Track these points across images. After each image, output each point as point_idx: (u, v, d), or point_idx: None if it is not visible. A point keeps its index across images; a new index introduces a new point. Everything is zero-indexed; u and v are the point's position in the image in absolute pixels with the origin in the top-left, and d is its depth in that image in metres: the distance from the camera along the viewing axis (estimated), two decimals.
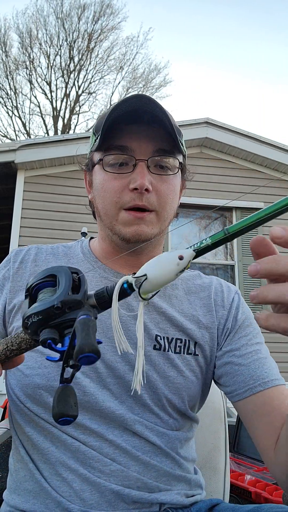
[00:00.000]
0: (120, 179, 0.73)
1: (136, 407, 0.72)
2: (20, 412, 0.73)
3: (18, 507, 0.71)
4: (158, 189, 0.74)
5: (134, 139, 0.73)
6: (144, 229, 0.74)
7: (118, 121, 0.72)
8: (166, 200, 0.75)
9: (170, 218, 0.79)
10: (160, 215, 0.75)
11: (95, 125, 0.79)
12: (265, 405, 0.71)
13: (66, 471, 0.69)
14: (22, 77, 16.42)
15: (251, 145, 5.50)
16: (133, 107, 0.70)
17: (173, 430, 0.75)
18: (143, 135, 0.73)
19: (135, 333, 0.72)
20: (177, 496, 0.74)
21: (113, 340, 0.71)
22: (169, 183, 0.76)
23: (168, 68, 25.63)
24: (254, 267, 0.40)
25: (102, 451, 0.69)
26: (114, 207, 0.74)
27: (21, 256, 0.83)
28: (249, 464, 2.56)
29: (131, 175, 0.73)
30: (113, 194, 0.74)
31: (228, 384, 0.76)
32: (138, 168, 0.72)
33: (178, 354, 0.76)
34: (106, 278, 0.79)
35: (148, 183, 0.72)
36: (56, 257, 0.83)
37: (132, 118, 0.72)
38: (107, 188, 0.74)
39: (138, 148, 0.73)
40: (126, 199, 0.73)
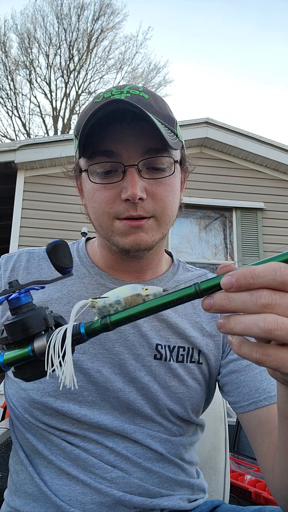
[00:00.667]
0: (110, 189, 0.66)
1: (137, 418, 0.71)
2: (19, 419, 0.73)
3: (19, 510, 0.70)
4: (154, 194, 0.67)
5: (119, 141, 0.65)
6: (143, 238, 0.67)
7: (99, 123, 0.63)
8: (165, 204, 0.68)
9: (173, 219, 0.72)
10: (160, 220, 0.68)
11: (75, 127, 0.71)
12: (268, 422, 0.67)
13: (67, 477, 0.68)
14: (22, 77, 16.41)
15: (251, 145, 5.50)
16: (114, 108, 0.62)
17: (177, 436, 0.74)
18: (128, 136, 0.64)
19: (135, 344, 0.72)
20: (180, 501, 0.73)
21: (111, 352, 0.71)
22: (166, 185, 0.68)
23: (167, 68, 25.64)
24: (207, 302, 0.38)
25: (103, 458, 0.68)
26: (107, 218, 0.67)
27: (11, 264, 0.78)
28: (249, 464, 2.56)
29: (121, 183, 0.65)
30: (105, 205, 0.66)
31: (232, 395, 0.73)
32: (128, 175, 0.64)
33: (180, 363, 0.73)
34: (103, 285, 0.75)
35: (140, 191, 0.64)
36: (49, 262, 0.78)
37: (114, 118, 0.63)
38: (97, 199, 0.67)
39: (125, 152, 0.65)
40: (120, 210, 0.66)
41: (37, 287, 0.44)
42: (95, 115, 0.61)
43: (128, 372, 0.71)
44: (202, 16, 32.56)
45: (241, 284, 0.36)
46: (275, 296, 0.35)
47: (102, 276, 0.76)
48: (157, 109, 0.67)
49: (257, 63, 37.95)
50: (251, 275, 0.36)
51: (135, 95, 0.66)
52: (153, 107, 0.66)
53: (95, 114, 0.61)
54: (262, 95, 40.28)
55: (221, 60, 36.50)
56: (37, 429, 0.70)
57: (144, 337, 0.72)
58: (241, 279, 0.36)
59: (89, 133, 0.63)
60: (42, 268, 0.77)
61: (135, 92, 0.67)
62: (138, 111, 0.60)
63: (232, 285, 0.36)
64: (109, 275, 0.76)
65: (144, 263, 0.76)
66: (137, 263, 0.75)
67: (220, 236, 5.53)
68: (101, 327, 0.41)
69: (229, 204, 5.38)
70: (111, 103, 0.60)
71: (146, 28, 27.92)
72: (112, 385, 0.70)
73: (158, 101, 0.68)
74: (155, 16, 31.11)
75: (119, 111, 0.61)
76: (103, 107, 0.60)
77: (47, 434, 0.70)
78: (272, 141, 5.56)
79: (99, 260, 0.78)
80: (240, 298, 0.36)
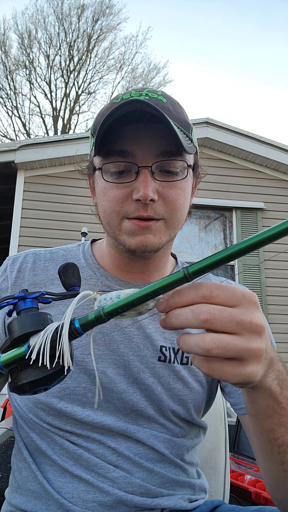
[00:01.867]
0: (122, 188, 0.66)
1: (140, 419, 0.71)
2: (23, 419, 0.73)
3: (20, 507, 0.71)
4: (165, 196, 0.67)
5: (134, 142, 0.65)
6: (150, 239, 0.67)
7: (116, 123, 0.63)
8: (175, 207, 0.68)
9: (182, 223, 0.72)
10: (169, 223, 0.68)
11: (93, 124, 0.72)
12: None
13: (70, 475, 0.69)
14: (22, 77, 16.41)
15: (251, 145, 5.50)
16: (132, 108, 0.62)
17: (179, 437, 0.74)
18: (144, 137, 0.65)
19: (139, 345, 0.72)
20: (180, 500, 0.73)
21: (116, 353, 0.71)
22: (178, 188, 0.68)
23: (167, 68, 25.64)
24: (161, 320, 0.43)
25: (105, 458, 0.69)
26: (116, 217, 0.68)
27: (18, 265, 0.78)
28: (249, 464, 2.56)
29: (134, 184, 0.66)
30: (115, 203, 0.67)
31: (233, 396, 0.74)
32: (141, 176, 0.65)
33: (184, 365, 0.73)
34: (109, 286, 0.75)
35: (152, 192, 0.64)
36: (55, 263, 0.79)
37: (131, 119, 0.64)
38: (108, 197, 0.68)
39: (140, 153, 0.65)
40: (130, 209, 0.66)
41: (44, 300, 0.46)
42: (113, 114, 0.61)
43: (132, 373, 0.71)
44: (202, 16, 32.60)
45: (170, 304, 0.42)
46: (214, 311, 0.40)
47: (107, 278, 0.76)
48: (174, 113, 0.67)
49: (257, 63, 37.99)
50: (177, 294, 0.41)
51: (154, 98, 0.67)
52: (170, 111, 0.67)
53: (114, 112, 0.61)
54: (262, 95, 40.31)
55: (221, 60, 36.54)
56: (41, 429, 0.71)
57: (148, 339, 0.73)
58: (170, 300, 0.42)
59: (106, 132, 0.63)
60: (48, 270, 0.78)
61: (154, 96, 0.67)
62: (157, 113, 0.60)
63: (165, 307, 0.42)
64: (115, 277, 0.76)
65: (151, 264, 0.76)
66: (144, 263, 0.75)
67: (220, 236, 5.53)
68: (95, 319, 0.42)
69: (229, 204, 5.38)
70: (131, 103, 0.60)
71: (146, 28, 27.90)
72: (116, 386, 0.70)
73: (175, 106, 0.69)
74: (155, 16, 31.13)
75: (137, 112, 0.62)
76: (122, 106, 0.61)
77: (50, 433, 0.70)
78: (272, 141, 5.56)
79: (106, 261, 0.78)
80: (184, 315, 0.41)
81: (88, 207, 0.88)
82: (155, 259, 0.75)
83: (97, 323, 0.42)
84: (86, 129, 16.70)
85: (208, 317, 0.39)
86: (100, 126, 0.62)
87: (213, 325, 0.39)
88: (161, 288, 0.41)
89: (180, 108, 0.71)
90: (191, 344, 0.40)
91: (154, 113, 0.61)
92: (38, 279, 0.77)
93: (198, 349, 0.39)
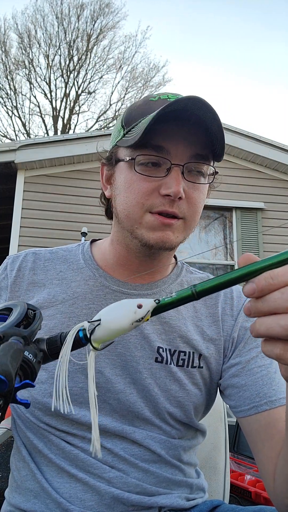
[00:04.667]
0: (150, 181, 0.67)
1: (136, 420, 0.71)
2: (21, 418, 0.73)
3: (19, 506, 0.71)
4: (190, 197, 0.68)
5: (171, 140, 0.66)
6: (170, 237, 0.68)
7: (163, 118, 0.63)
8: (196, 209, 0.70)
9: (195, 226, 0.74)
10: (187, 223, 0.70)
11: (125, 117, 0.71)
12: (269, 427, 0.66)
13: (67, 475, 0.69)
14: (22, 77, 16.41)
15: (251, 145, 5.50)
16: (182, 106, 0.62)
17: (175, 438, 0.74)
18: (182, 137, 0.66)
19: (137, 346, 0.72)
20: (178, 499, 0.73)
21: (114, 354, 0.71)
22: (201, 191, 0.70)
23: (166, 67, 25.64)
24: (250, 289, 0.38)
25: (102, 459, 0.69)
26: (139, 209, 0.67)
27: (18, 264, 0.78)
28: (249, 464, 2.56)
29: (163, 179, 0.66)
30: (141, 196, 0.67)
31: (233, 398, 0.72)
32: (173, 173, 0.66)
33: (180, 367, 0.73)
34: (108, 287, 0.75)
35: (182, 191, 0.66)
36: (55, 263, 0.79)
37: (176, 117, 0.63)
38: (134, 189, 0.68)
39: (174, 151, 0.66)
40: (155, 203, 0.67)
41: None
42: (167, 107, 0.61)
43: (129, 374, 0.71)
44: (202, 16, 32.60)
45: (262, 286, 0.36)
46: None
47: (106, 278, 0.76)
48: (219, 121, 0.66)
49: (257, 62, 37.99)
50: (270, 276, 0.36)
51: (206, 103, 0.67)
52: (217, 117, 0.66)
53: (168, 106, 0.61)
54: (262, 95, 40.32)
55: (221, 59, 36.54)
56: (38, 429, 0.71)
57: (146, 339, 0.73)
58: (262, 281, 0.37)
59: (148, 126, 0.62)
60: (48, 270, 0.78)
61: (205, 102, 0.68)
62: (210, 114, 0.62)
63: (254, 290, 0.37)
64: (114, 277, 0.76)
65: (157, 265, 0.76)
66: (150, 262, 0.75)
67: (220, 236, 5.53)
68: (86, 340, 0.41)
69: (229, 204, 5.38)
70: (187, 100, 0.61)
71: (145, 27, 27.94)
72: (113, 386, 0.70)
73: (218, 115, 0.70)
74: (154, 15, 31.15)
75: (187, 111, 0.62)
76: (176, 102, 0.60)
77: (47, 433, 0.70)
78: (272, 141, 5.56)
79: (107, 261, 0.78)
80: (271, 297, 0.36)
81: (88, 207, 0.88)
82: (161, 259, 0.75)
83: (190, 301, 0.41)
84: (86, 129, 16.71)
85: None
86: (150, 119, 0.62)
87: None
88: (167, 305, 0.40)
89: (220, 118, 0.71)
90: (271, 323, 0.36)
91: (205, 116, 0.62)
92: (38, 279, 0.77)
93: (278, 328, 0.36)
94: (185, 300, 0.40)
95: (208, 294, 0.39)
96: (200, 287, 0.39)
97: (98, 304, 0.74)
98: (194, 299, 0.40)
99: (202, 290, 0.39)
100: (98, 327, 0.40)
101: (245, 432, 0.72)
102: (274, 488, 0.63)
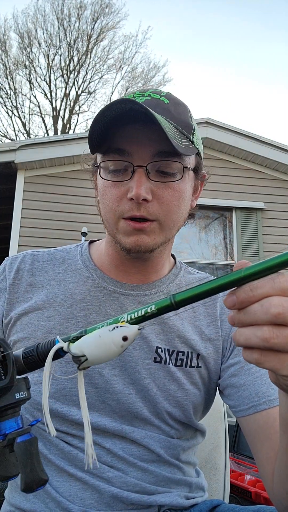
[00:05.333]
0: (119, 187, 0.67)
1: (135, 420, 0.71)
2: None
3: (19, 506, 0.71)
4: (160, 197, 0.67)
5: (132, 141, 0.66)
6: (145, 240, 0.68)
7: (114, 122, 0.64)
8: (170, 209, 0.68)
9: (179, 225, 0.72)
10: (163, 224, 0.69)
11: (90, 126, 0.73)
12: (268, 427, 0.66)
13: (66, 474, 0.69)
14: (22, 77, 16.41)
15: (251, 145, 5.50)
16: (128, 107, 0.62)
17: (174, 438, 0.74)
18: (142, 137, 0.65)
19: (135, 346, 0.72)
20: (177, 497, 0.73)
21: None
22: (174, 190, 0.68)
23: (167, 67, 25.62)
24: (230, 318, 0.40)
25: (101, 459, 0.69)
26: (113, 215, 0.68)
27: (16, 265, 0.78)
28: (249, 464, 2.56)
29: (129, 183, 0.66)
30: (112, 202, 0.68)
31: (232, 398, 0.72)
32: (135, 175, 0.65)
33: (178, 367, 0.73)
34: (106, 288, 0.75)
35: (145, 192, 0.64)
36: (53, 264, 0.79)
37: (129, 118, 0.64)
38: (106, 196, 0.69)
39: (136, 152, 0.65)
40: (125, 208, 0.67)
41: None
42: (105, 112, 0.62)
43: (128, 374, 0.71)
44: (202, 15, 32.60)
45: (242, 299, 0.37)
46: (286, 304, 0.36)
47: (104, 279, 0.76)
48: (174, 114, 0.67)
49: (257, 62, 37.99)
50: (250, 288, 0.37)
51: (155, 98, 0.68)
52: (170, 112, 0.67)
53: (105, 110, 0.62)
54: (262, 95, 40.31)
55: (221, 59, 36.54)
56: (37, 429, 0.71)
57: (144, 340, 0.73)
58: (241, 294, 0.37)
59: (103, 130, 0.64)
60: (47, 271, 0.78)
61: (156, 96, 0.69)
62: (144, 111, 0.60)
63: (235, 302, 0.38)
64: (111, 278, 0.77)
65: (149, 265, 0.76)
66: (142, 264, 0.75)
67: (220, 236, 5.53)
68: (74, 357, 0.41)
69: (229, 204, 5.39)
70: (122, 102, 0.61)
71: (145, 27, 27.95)
72: (112, 387, 0.70)
73: (178, 107, 0.70)
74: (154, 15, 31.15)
75: (133, 111, 0.62)
76: (113, 105, 0.61)
77: (46, 434, 0.70)
78: (272, 141, 5.56)
79: (104, 262, 0.79)
80: (251, 310, 0.37)
81: (88, 207, 0.89)
82: (152, 260, 0.75)
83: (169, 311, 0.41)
84: (86, 129, 16.69)
85: (281, 311, 0.36)
86: (93, 124, 0.63)
87: (286, 320, 0.36)
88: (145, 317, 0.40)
89: (183, 109, 0.71)
90: (249, 335, 0.37)
91: (143, 111, 0.61)
92: (36, 280, 0.77)
93: (255, 339, 0.37)
94: (164, 310, 0.39)
95: (189, 303, 0.39)
96: (179, 297, 0.39)
97: (96, 305, 0.74)
98: (174, 309, 0.39)
99: (182, 299, 0.39)
100: (85, 362, 0.40)
101: (244, 432, 0.72)
102: (272, 488, 0.63)
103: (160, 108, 0.67)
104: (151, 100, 0.68)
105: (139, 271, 0.76)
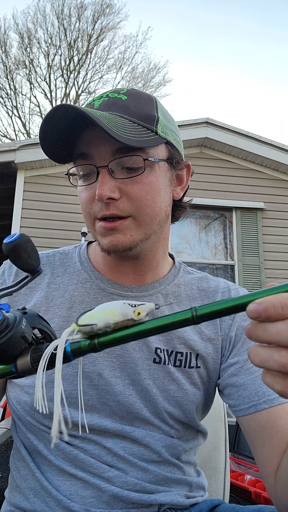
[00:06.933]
0: (89, 190, 0.69)
1: (136, 421, 0.71)
2: (21, 420, 0.73)
3: (19, 506, 0.71)
4: (129, 193, 0.67)
5: (91, 144, 0.67)
6: (120, 238, 0.68)
7: (78, 128, 0.66)
8: (142, 203, 0.67)
9: (159, 219, 0.71)
10: (139, 220, 0.68)
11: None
12: (268, 426, 0.66)
13: (67, 474, 0.69)
14: (22, 77, 16.41)
15: (251, 145, 5.50)
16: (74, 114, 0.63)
17: (175, 438, 0.74)
18: (99, 138, 0.66)
19: (135, 347, 0.72)
20: (177, 496, 0.73)
21: (112, 356, 0.71)
22: (142, 183, 0.67)
23: (167, 67, 25.64)
24: (247, 331, 0.36)
25: (101, 459, 0.69)
26: (89, 218, 0.71)
27: (15, 269, 0.78)
28: (249, 464, 2.56)
29: (96, 184, 0.67)
30: (86, 205, 0.70)
31: (232, 398, 0.72)
32: (100, 176, 0.66)
33: (177, 367, 0.73)
34: (104, 289, 0.76)
35: (109, 191, 0.65)
36: (52, 267, 0.79)
37: (85, 123, 0.65)
38: (81, 200, 0.72)
39: (97, 154, 0.67)
40: (96, 210, 0.68)
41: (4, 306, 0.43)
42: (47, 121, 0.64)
43: (128, 375, 0.71)
44: (202, 15, 32.59)
45: (270, 314, 0.34)
46: None
47: (103, 281, 0.77)
48: (133, 109, 0.68)
49: (257, 62, 38.01)
50: (281, 305, 0.34)
51: (113, 98, 0.69)
52: (128, 107, 0.68)
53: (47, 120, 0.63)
54: (263, 94, 40.32)
55: (222, 59, 36.54)
56: (38, 431, 0.71)
57: (144, 341, 0.73)
58: (270, 309, 0.34)
59: (63, 140, 0.67)
60: (45, 274, 0.78)
61: (114, 95, 0.69)
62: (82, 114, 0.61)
63: (260, 315, 0.34)
64: (110, 280, 0.77)
65: (142, 264, 0.76)
66: (133, 263, 0.75)
67: (220, 236, 5.53)
68: (89, 348, 0.40)
69: (229, 204, 5.38)
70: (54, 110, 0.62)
71: (146, 28, 27.90)
72: (112, 388, 0.70)
73: (138, 101, 0.69)
74: (155, 15, 31.14)
75: (79, 116, 0.63)
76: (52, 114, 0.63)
77: (47, 435, 0.70)
78: (272, 141, 5.56)
79: (100, 263, 0.79)
80: (275, 328, 0.34)
81: None
82: (144, 259, 0.75)
83: (91, 352, 0.40)
84: None
85: None
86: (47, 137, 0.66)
87: None
88: (163, 327, 0.39)
89: (145, 102, 0.70)
90: (265, 357, 0.35)
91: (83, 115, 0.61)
92: (35, 283, 0.77)
93: (272, 363, 0.34)
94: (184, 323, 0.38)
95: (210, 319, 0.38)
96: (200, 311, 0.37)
97: None
98: (194, 322, 0.38)
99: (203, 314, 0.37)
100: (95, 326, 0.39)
101: (244, 431, 0.72)
102: (275, 489, 0.63)
103: (116, 106, 0.67)
104: (108, 100, 0.68)
105: (133, 271, 0.76)
